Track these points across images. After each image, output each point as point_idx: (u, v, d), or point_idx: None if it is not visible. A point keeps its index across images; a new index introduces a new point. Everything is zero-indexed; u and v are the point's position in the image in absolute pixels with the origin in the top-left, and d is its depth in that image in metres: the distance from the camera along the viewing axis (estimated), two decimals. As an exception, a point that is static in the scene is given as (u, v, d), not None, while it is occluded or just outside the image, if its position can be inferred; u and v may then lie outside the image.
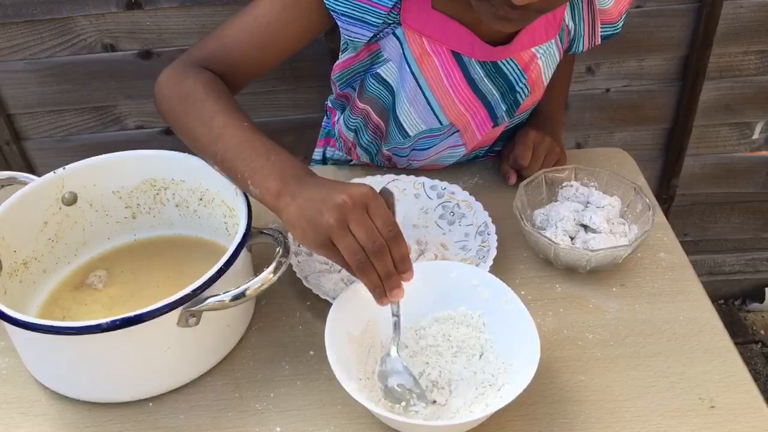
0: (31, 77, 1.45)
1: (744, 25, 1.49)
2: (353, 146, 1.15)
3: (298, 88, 1.49)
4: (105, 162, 0.91)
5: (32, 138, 1.55)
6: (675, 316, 0.86)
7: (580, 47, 1.05)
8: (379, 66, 0.97)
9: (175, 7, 1.38)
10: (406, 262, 0.72)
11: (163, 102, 0.89)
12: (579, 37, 1.04)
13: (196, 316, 0.73)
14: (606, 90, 1.58)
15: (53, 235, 0.89)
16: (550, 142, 1.07)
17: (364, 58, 0.98)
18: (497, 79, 0.99)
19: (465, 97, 0.99)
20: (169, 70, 0.89)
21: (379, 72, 0.98)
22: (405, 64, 0.95)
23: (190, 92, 0.85)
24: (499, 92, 1.00)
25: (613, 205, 0.95)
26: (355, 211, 0.69)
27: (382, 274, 0.71)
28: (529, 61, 0.98)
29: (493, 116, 1.03)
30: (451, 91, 0.98)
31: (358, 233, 0.69)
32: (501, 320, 0.78)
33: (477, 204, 1.00)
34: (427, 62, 0.95)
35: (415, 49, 0.93)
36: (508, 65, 0.98)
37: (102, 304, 0.87)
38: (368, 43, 0.94)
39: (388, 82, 0.99)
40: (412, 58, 0.94)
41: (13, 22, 1.37)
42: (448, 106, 1.00)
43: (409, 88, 0.97)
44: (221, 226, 0.92)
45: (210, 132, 0.82)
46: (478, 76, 0.97)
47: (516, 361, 0.75)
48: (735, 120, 1.65)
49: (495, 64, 0.97)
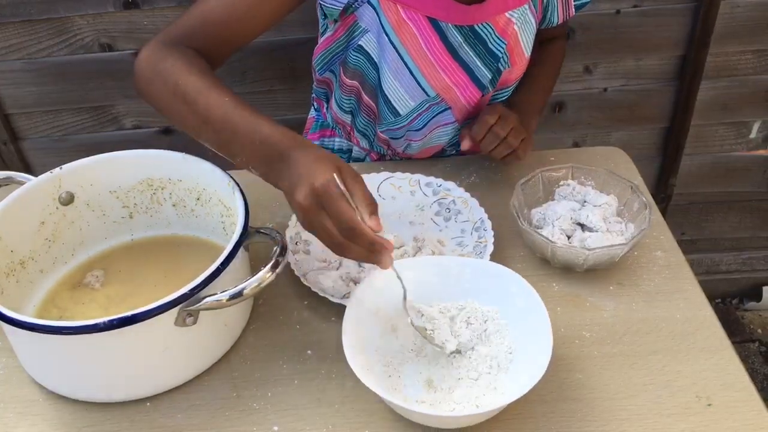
0: (28, 77, 1.44)
1: (741, 24, 1.49)
2: (351, 130, 1.16)
3: (296, 88, 1.50)
4: (102, 162, 0.91)
5: (29, 138, 1.54)
6: (672, 315, 0.86)
7: (555, 18, 1.07)
8: (359, 38, 0.98)
9: (172, 7, 1.37)
10: (375, 246, 0.73)
11: (143, 81, 0.87)
12: (553, 7, 1.05)
13: (194, 315, 0.73)
14: (603, 89, 1.59)
15: (50, 235, 0.89)
16: (518, 119, 1.04)
17: (341, 35, 0.99)
18: (476, 45, 1.00)
19: (446, 65, 1.00)
20: (148, 49, 0.87)
21: (360, 44, 0.99)
22: (383, 35, 0.96)
23: (170, 71, 0.83)
24: (479, 58, 1.01)
25: (609, 203, 0.95)
26: (311, 212, 0.72)
27: (359, 257, 0.74)
28: (504, 26, 0.99)
29: (479, 84, 1.04)
30: (432, 58, 0.99)
31: (319, 233, 0.74)
32: (513, 308, 0.80)
33: (473, 200, 1.00)
34: (405, 30, 0.96)
35: (391, 17, 0.94)
36: (485, 30, 0.99)
37: (99, 303, 0.87)
38: (344, 15, 0.95)
39: (368, 52, 0.99)
40: (390, 27, 0.95)
41: (9, 21, 1.36)
42: (431, 75, 1.00)
43: (391, 59, 0.98)
44: (218, 225, 0.92)
45: (195, 115, 0.81)
46: (456, 42, 0.98)
47: (524, 349, 0.77)
48: (732, 119, 1.65)
49: (472, 29, 0.98)
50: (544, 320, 0.75)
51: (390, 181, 1.06)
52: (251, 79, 1.48)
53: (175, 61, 0.84)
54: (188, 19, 0.90)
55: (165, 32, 0.89)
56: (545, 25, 1.08)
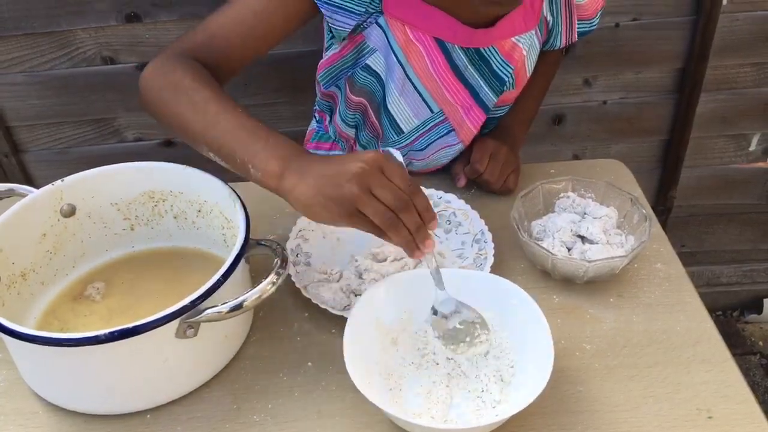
0: (30, 90, 1.45)
1: (740, 37, 1.50)
2: (354, 144, 1.16)
3: (298, 100, 1.50)
4: (103, 174, 0.91)
5: (31, 150, 1.55)
6: (672, 327, 0.86)
7: (558, 42, 1.08)
8: (367, 57, 0.99)
9: (173, 20, 1.38)
10: (430, 211, 0.75)
11: (150, 93, 0.86)
12: (557, 32, 1.06)
13: (194, 327, 0.73)
14: (603, 102, 1.59)
15: (51, 247, 0.89)
16: (507, 152, 1.08)
17: (349, 52, 1.00)
18: (481, 68, 1.01)
19: (451, 85, 1.01)
20: (155, 63, 0.87)
21: (368, 63, 0.99)
22: (391, 53, 0.97)
23: (179, 81, 0.83)
24: (485, 80, 1.02)
25: (609, 216, 0.95)
26: (375, 175, 0.71)
27: (412, 229, 0.73)
28: (510, 50, 1.00)
29: (483, 107, 1.05)
30: (437, 78, 1.00)
31: (383, 195, 0.71)
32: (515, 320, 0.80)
33: (473, 212, 1.00)
34: (413, 50, 0.96)
35: (399, 37, 0.95)
36: (490, 52, 0.99)
37: (100, 315, 0.87)
38: (352, 35, 0.96)
39: (377, 72, 1.00)
40: (398, 46, 0.96)
41: (12, 35, 1.37)
42: (436, 93, 1.02)
43: (398, 77, 0.99)
44: (219, 237, 0.92)
45: (204, 119, 0.80)
46: (462, 63, 0.99)
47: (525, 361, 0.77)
48: (731, 132, 1.66)
49: (477, 51, 0.99)
50: (546, 333, 0.75)
51: (390, 193, 1.06)
52: (253, 91, 1.49)
53: (185, 72, 0.84)
54: (196, 35, 0.90)
55: (171, 47, 0.89)
56: (548, 48, 1.09)
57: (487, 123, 1.12)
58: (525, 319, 0.78)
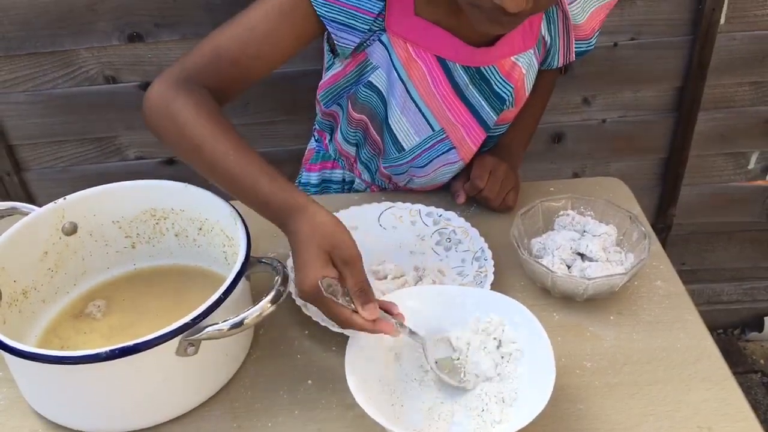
0: (32, 109, 1.46)
1: (737, 57, 1.51)
2: (355, 162, 1.17)
3: (297, 119, 1.51)
4: (105, 192, 0.91)
5: (33, 168, 1.56)
6: (672, 345, 0.86)
7: (555, 61, 1.09)
8: (369, 74, 1.00)
9: (176, 40, 1.40)
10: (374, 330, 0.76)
11: (151, 118, 0.87)
12: (555, 51, 1.07)
13: (195, 345, 0.73)
14: (602, 121, 1.60)
15: (53, 265, 0.90)
16: (507, 169, 1.09)
17: (351, 70, 1.01)
18: (482, 87, 1.02)
19: (452, 103, 1.02)
20: (158, 85, 0.87)
21: (370, 80, 1.00)
22: (393, 71, 0.98)
23: (179, 113, 0.84)
24: (485, 99, 1.03)
25: (609, 233, 0.95)
26: (312, 304, 0.78)
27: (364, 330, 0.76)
28: (510, 69, 1.01)
29: (484, 126, 1.06)
30: (439, 96, 1.00)
31: None
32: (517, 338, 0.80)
33: (473, 230, 1.01)
34: (414, 68, 0.98)
35: (401, 54, 0.96)
36: (490, 72, 1.01)
37: (101, 333, 0.87)
38: (355, 53, 0.97)
39: (378, 89, 1.01)
40: (400, 64, 0.97)
41: (16, 54, 1.38)
42: (438, 111, 1.02)
43: (399, 94, 1.00)
44: (220, 255, 0.93)
45: (201, 162, 0.84)
46: (463, 82, 1.00)
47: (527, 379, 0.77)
48: (730, 150, 1.67)
49: (478, 70, 1.00)
50: (547, 351, 0.75)
51: (391, 211, 1.06)
52: (253, 110, 1.50)
53: (185, 103, 0.84)
54: (200, 56, 0.90)
55: (177, 66, 0.89)
56: (545, 67, 1.10)
57: (486, 141, 1.12)
58: (527, 337, 0.78)
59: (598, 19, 1.06)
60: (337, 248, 0.75)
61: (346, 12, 0.90)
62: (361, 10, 0.91)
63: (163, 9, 1.35)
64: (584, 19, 1.04)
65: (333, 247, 0.75)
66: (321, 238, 0.76)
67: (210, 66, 0.89)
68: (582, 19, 1.04)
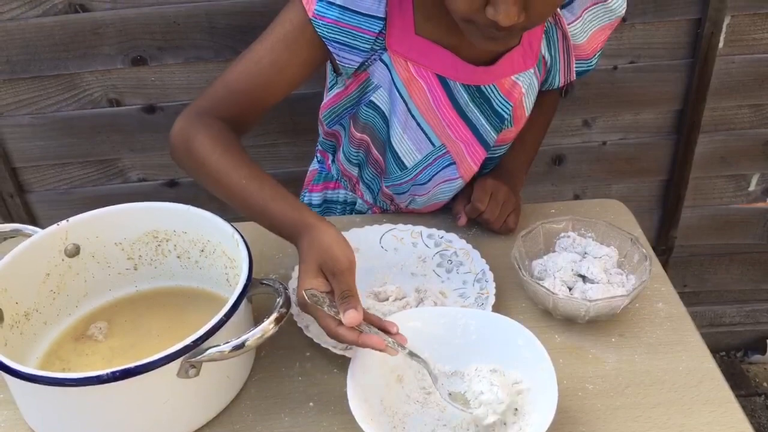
0: (36, 131, 1.47)
1: (737, 79, 1.52)
2: (357, 182, 1.18)
3: (299, 141, 1.52)
4: (108, 214, 0.92)
5: (35, 191, 1.56)
6: (674, 367, 0.86)
7: (556, 81, 1.10)
8: (371, 93, 1.01)
9: (179, 64, 1.41)
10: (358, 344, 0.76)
11: (175, 153, 0.94)
12: (555, 71, 1.08)
13: (196, 366, 0.73)
14: (603, 143, 1.61)
15: (55, 287, 0.90)
16: (507, 191, 1.10)
17: (353, 91, 1.03)
18: (482, 105, 1.03)
19: (452, 121, 1.03)
20: (181, 121, 0.93)
21: (372, 99, 1.02)
22: (394, 89, 0.99)
23: (198, 150, 0.90)
24: (485, 117, 1.04)
25: (610, 255, 0.96)
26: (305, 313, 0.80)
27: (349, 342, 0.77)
28: (510, 88, 1.02)
29: (484, 144, 1.07)
30: (439, 114, 1.02)
31: None
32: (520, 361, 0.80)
33: (474, 252, 1.01)
34: (415, 86, 0.99)
35: (402, 73, 0.98)
36: (490, 90, 1.02)
37: (102, 355, 0.87)
38: (357, 72, 0.99)
39: (380, 108, 1.02)
40: (401, 82, 0.98)
41: (20, 77, 1.40)
42: (438, 127, 1.03)
43: (400, 112, 1.01)
44: (222, 277, 0.93)
45: (219, 193, 0.89)
46: (463, 100, 1.01)
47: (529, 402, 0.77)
48: (731, 172, 1.67)
49: (478, 88, 1.01)
50: (550, 374, 0.75)
51: (392, 232, 1.07)
52: (255, 132, 1.51)
53: (203, 138, 0.90)
54: (215, 90, 0.96)
55: (196, 103, 0.95)
56: (546, 87, 1.11)
57: (487, 163, 1.13)
58: (530, 360, 0.78)
59: (599, 39, 1.07)
60: (328, 261, 0.78)
61: (347, 32, 0.92)
62: (362, 29, 0.93)
63: (167, 33, 1.37)
64: (585, 39, 1.05)
65: (324, 260, 0.78)
66: (316, 253, 0.79)
67: (224, 100, 0.95)
68: (583, 39, 1.05)
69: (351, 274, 0.78)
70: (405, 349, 0.78)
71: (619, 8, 1.03)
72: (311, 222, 0.82)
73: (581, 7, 1.02)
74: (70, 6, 1.32)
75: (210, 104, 0.95)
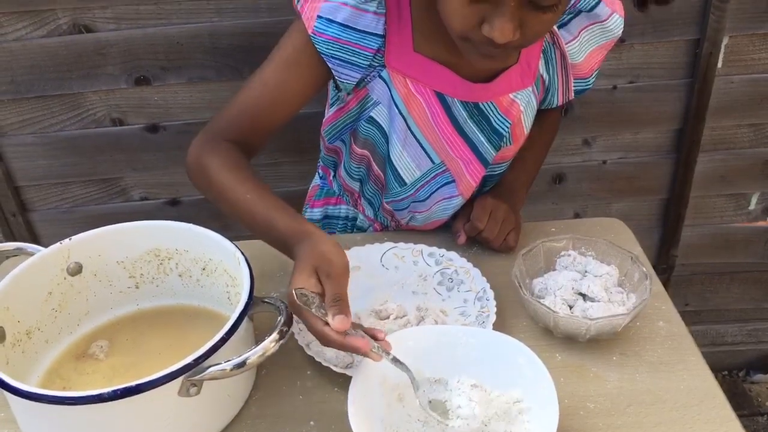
0: (39, 150, 1.48)
1: (736, 99, 1.53)
2: (359, 198, 1.18)
3: (301, 160, 1.53)
4: (111, 233, 0.92)
5: (38, 209, 1.57)
6: (676, 386, 0.86)
7: (555, 100, 1.11)
8: (371, 109, 1.03)
9: (182, 83, 1.42)
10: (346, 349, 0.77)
11: (190, 173, 0.97)
12: (554, 90, 1.10)
13: (197, 385, 0.73)
14: (603, 162, 1.61)
15: (57, 305, 0.90)
16: (507, 210, 1.10)
17: (353, 107, 1.04)
18: (480, 122, 1.04)
19: (450, 138, 1.04)
20: (195, 145, 0.97)
21: (371, 115, 1.03)
22: (393, 105, 1.00)
23: (209, 169, 0.93)
24: (484, 134, 1.05)
25: (610, 274, 0.96)
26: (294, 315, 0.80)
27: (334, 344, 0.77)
28: (508, 106, 1.03)
29: (482, 161, 1.07)
30: (438, 130, 1.02)
31: None
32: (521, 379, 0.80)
33: (475, 270, 1.01)
34: (414, 103, 1.00)
35: (401, 89, 0.99)
36: (489, 108, 1.02)
37: (103, 374, 0.87)
38: (357, 89, 1.00)
39: (379, 123, 1.04)
40: (399, 98, 1.00)
41: (24, 97, 1.41)
42: (437, 144, 1.04)
43: (400, 129, 1.02)
44: (223, 295, 0.93)
45: (227, 209, 0.92)
46: (461, 117, 1.02)
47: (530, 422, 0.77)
48: (731, 191, 1.68)
49: (477, 105, 1.02)
50: (551, 393, 0.74)
51: (393, 251, 1.07)
52: (258, 152, 1.51)
53: (213, 158, 0.94)
54: (225, 113, 0.99)
55: (210, 124, 0.99)
56: (545, 106, 1.12)
57: (487, 181, 1.14)
58: (531, 378, 0.78)
59: (596, 59, 1.09)
60: (324, 263, 0.78)
61: (346, 49, 0.94)
62: (361, 46, 0.94)
63: (170, 53, 1.38)
64: (583, 58, 1.06)
65: (320, 262, 0.78)
66: (313, 255, 0.79)
67: (233, 123, 0.98)
68: (580, 58, 1.06)
69: (345, 279, 0.78)
70: (389, 355, 0.78)
71: (616, 28, 1.04)
72: (311, 230, 0.84)
73: (578, 27, 1.03)
74: (74, 27, 1.34)
75: (220, 127, 0.98)
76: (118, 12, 1.33)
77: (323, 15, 0.92)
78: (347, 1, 0.91)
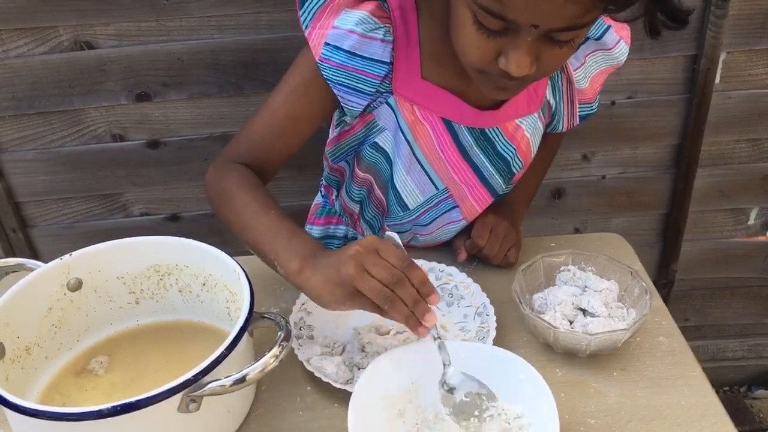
0: (40, 166, 1.48)
1: (734, 114, 1.54)
2: (358, 219, 1.18)
3: (302, 176, 1.53)
4: (111, 248, 0.92)
5: (38, 225, 1.57)
6: (677, 401, 0.86)
7: (560, 126, 1.12)
8: (376, 135, 1.02)
9: (182, 99, 1.43)
10: (427, 285, 0.79)
11: (209, 195, 1.00)
12: (559, 116, 1.10)
13: (197, 401, 0.73)
14: (602, 177, 1.62)
15: (57, 321, 0.90)
16: (508, 226, 1.10)
17: (359, 131, 1.04)
18: (486, 148, 1.04)
19: (456, 163, 1.04)
20: (213, 168, 1.00)
21: (376, 141, 1.03)
22: (399, 132, 1.00)
23: (225, 188, 0.95)
24: (489, 160, 1.05)
25: (610, 289, 0.96)
26: (368, 255, 0.78)
27: (409, 303, 0.77)
28: (513, 131, 1.04)
29: (488, 187, 1.08)
30: (443, 156, 1.02)
31: (376, 272, 0.77)
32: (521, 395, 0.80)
33: (475, 285, 1.01)
34: (420, 129, 1.00)
35: (407, 116, 0.99)
36: (493, 133, 1.03)
37: (102, 390, 0.87)
38: (363, 114, 1.00)
39: (384, 149, 1.03)
40: (406, 125, 0.99)
41: (25, 113, 1.41)
42: (441, 170, 1.04)
43: (404, 155, 1.02)
44: (223, 311, 0.93)
45: (242, 222, 0.92)
46: (468, 143, 1.02)
47: None
48: (730, 206, 1.68)
49: (482, 131, 1.02)
50: (552, 408, 0.74)
51: (393, 267, 1.07)
52: (257, 167, 1.52)
53: (232, 180, 0.96)
54: (238, 141, 1.02)
55: (226, 150, 1.02)
56: (550, 130, 1.12)
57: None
58: (532, 394, 0.78)
59: (598, 82, 1.09)
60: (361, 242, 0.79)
61: (353, 76, 0.93)
62: (367, 73, 0.94)
63: (171, 69, 1.39)
64: (587, 84, 1.07)
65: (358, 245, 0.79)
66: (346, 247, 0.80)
67: (247, 151, 1.00)
68: (585, 84, 1.07)
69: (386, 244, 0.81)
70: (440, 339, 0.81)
71: (621, 56, 1.05)
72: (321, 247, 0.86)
73: (584, 53, 1.03)
74: (76, 43, 1.35)
75: (234, 154, 1.00)
76: (119, 29, 1.34)
77: (330, 42, 0.92)
78: (354, 29, 0.91)
